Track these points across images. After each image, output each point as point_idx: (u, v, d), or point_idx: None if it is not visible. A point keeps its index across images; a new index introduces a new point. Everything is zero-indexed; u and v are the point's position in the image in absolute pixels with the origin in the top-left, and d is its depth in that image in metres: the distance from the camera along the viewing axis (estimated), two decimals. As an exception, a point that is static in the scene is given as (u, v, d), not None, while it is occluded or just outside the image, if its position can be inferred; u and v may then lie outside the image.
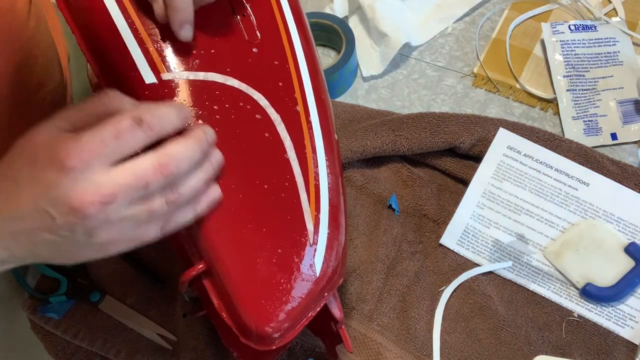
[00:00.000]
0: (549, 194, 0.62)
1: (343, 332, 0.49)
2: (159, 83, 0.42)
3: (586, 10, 0.75)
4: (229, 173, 0.41)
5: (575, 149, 0.62)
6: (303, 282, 0.42)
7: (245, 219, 0.41)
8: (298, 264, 0.42)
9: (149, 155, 0.34)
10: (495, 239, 0.62)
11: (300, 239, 0.43)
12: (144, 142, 0.34)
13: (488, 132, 0.64)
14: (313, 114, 0.45)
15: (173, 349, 0.62)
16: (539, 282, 0.60)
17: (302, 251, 0.42)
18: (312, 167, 0.44)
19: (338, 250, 0.44)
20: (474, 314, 0.59)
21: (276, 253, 0.42)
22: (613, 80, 0.69)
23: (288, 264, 0.42)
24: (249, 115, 0.43)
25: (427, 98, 0.73)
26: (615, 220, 0.60)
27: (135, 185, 0.33)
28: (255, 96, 0.44)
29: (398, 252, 0.63)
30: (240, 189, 0.42)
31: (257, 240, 0.42)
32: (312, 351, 0.59)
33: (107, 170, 0.33)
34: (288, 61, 0.46)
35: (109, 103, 0.37)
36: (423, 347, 0.58)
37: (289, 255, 0.42)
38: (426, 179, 0.66)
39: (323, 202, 0.44)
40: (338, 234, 0.45)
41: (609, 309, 0.58)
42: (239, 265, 0.41)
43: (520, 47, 0.74)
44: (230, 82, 0.43)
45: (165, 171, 0.34)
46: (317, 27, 0.76)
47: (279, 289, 0.41)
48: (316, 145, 0.45)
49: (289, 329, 0.42)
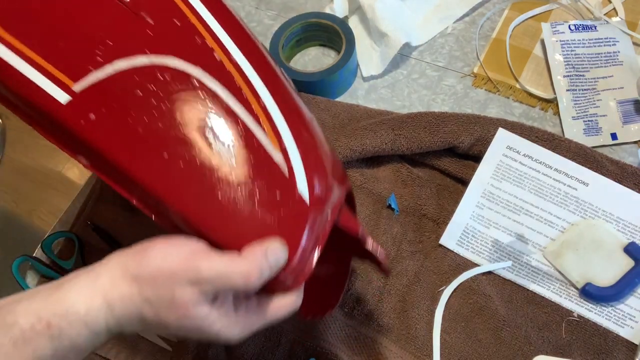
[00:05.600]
0: (548, 193, 0.62)
1: (371, 246, 0.47)
2: (76, 98, 0.40)
3: (586, 10, 0.75)
4: (184, 147, 0.40)
5: (574, 148, 0.62)
6: (296, 215, 0.40)
7: (216, 184, 0.40)
8: (283, 200, 0.40)
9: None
10: (494, 239, 0.62)
11: (274, 173, 0.41)
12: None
13: (487, 131, 0.64)
14: (235, 53, 0.43)
15: (173, 350, 0.62)
16: (539, 282, 0.60)
17: (281, 186, 0.40)
18: (256, 104, 0.42)
19: (319, 167, 0.42)
20: (473, 314, 0.59)
21: (257, 200, 0.40)
22: (613, 80, 0.69)
23: (272, 205, 0.40)
24: (174, 84, 0.41)
25: (427, 98, 0.73)
26: (615, 220, 0.60)
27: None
28: (170, 63, 0.42)
29: (398, 252, 0.63)
30: (204, 158, 0.40)
31: (235, 196, 0.40)
32: (313, 350, 0.59)
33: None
34: (186, 14, 0.44)
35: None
36: (423, 347, 0.58)
37: (271, 197, 0.40)
38: (425, 178, 0.66)
39: (282, 128, 0.42)
40: (312, 149, 0.42)
41: (609, 309, 0.58)
42: (230, 228, 0.39)
43: (520, 47, 0.74)
44: (140, 61, 0.41)
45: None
46: (317, 27, 0.76)
47: (274, 232, 0.39)
48: (252, 82, 0.43)
49: (302, 265, 0.40)
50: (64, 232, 0.70)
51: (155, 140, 0.40)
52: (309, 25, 0.76)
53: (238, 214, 0.39)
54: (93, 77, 0.40)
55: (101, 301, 0.36)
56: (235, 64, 0.43)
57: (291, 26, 0.75)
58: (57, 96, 0.40)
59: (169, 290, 0.36)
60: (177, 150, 0.40)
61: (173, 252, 0.37)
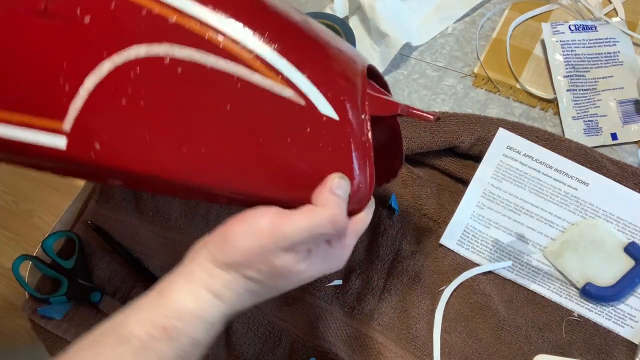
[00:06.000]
0: (548, 193, 0.62)
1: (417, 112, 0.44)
2: (72, 137, 0.37)
3: (586, 10, 0.75)
4: (198, 131, 0.38)
5: (575, 148, 0.62)
6: (334, 137, 0.39)
7: (249, 150, 0.38)
8: (315, 131, 0.38)
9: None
10: (495, 238, 0.62)
11: (293, 110, 0.38)
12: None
13: (488, 131, 0.64)
14: (187, 5, 0.38)
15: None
16: (539, 281, 0.60)
17: (305, 119, 0.38)
18: (238, 49, 0.38)
19: (329, 73, 0.40)
20: (474, 313, 0.59)
21: (294, 145, 0.38)
22: (613, 80, 0.69)
23: (309, 141, 0.38)
24: (152, 74, 0.38)
25: (427, 98, 0.73)
26: (615, 220, 0.60)
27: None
28: (134, 54, 0.37)
29: (398, 252, 0.63)
30: (222, 132, 0.38)
31: (272, 152, 0.38)
32: (313, 350, 0.59)
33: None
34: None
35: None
36: (423, 346, 0.58)
37: (304, 134, 0.38)
38: (426, 178, 0.66)
39: (274, 60, 0.38)
40: (314, 60, 0.40)
41: (609, 309, 0.58)
42: (284, 183, 0.39)
43: (520, 47, 0.74)
44: (105, 68, 0.37)
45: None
46: (317, 27, 0.76)
47: (326, 165, 0.39)
48: (221, 28, 0.38)
49: (363, 177, 0.40)
50: (64, 231, 0.70)
51: (167, 139, 0.38)
52: (310, 25, 0.76)
53: (286, 168, 0.38)
54: (74, 108, 0.37)
55: (206, 293, 0.37)
56: (196, 19, 0.38)
57: (291, 26, 0.75)
58: (55, 144, 0.37)
59: (266, 264, 0.37)
60: (192, 137, 0.38)
61: (253, 229, 0.37)
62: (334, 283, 0.62)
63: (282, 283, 0.39)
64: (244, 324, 0.62)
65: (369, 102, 0.41)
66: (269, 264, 0.37)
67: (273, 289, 0.40)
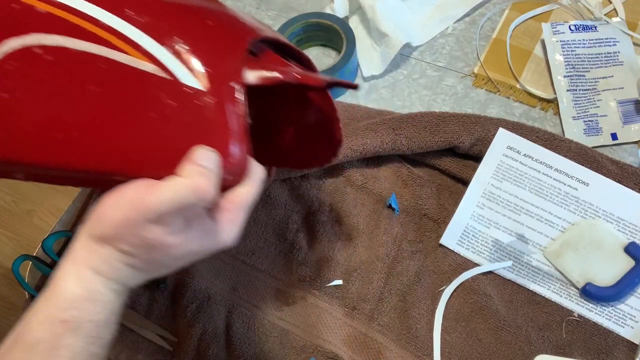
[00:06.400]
0: (548, 193, 0.62)
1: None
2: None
3: (586, 10, 0.75)
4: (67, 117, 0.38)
5: (575, 148, 0.62)
6: (201, 108, 0.38)
7: (115, 128, 0.38)
8: (181, 104, 0.38)
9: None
10: (495, 238, 0.62)
11: (156, 85, 0.38)
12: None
13: (488, 131, 0.64)
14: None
15: (173, 349, 0.62)
16: (539, 282, 0.60)
17: (168, 92, 0.38)
18: (101, 30, 0.39)
19: (196, 44, 0.39)
20: (474, 313, 0.59)
21: (159, 120, 0.38)
22: (613, 80, 0.69)
23: (175, 114, 0.38)
24: (24, 67, 0.39)
25: (427, 98, 0.73)
26: (615, 220, 0.60)
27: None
28: (8, 47, 0.39)
29: (398, 252, 0.63)
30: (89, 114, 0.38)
31: (138, 129, 0.38)
32: (313, 350, 0.59)
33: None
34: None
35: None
36: (423, 346, 0.58)
37: (168, 108, 0.38)
38: (426, 178, 0.66)
39: (134, 35, 0.38)
40: (177, 33, 0.39)
41: (609, 309, 0.58)
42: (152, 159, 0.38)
43: (520, 47, 0.74)
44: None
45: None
46: (317, 27, 0.76)
47: (196, 137, 0.38)
48: (85, 11, 0.39)
49: (240, 145, 0.39)
50: (64, 231, 0.70)
51: (45, 127, 0.39)
52: (310, 26, 0.76)
53: (155, 145, 0.38)
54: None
55: (89, 272, 0.37)
56: (61, 5, 0.39)
57: (292, 26, 0.75)
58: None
59: (136, 236, 0.36)
60: (64, 123, 0.38)
61: (120, 201, 0.37)
62: (334, 283, 0.62)
63: (160, 257, 0.38)
64: (244, 324, 0.62)
65: (248, 71, 0.40)
66: (138, 237, 0.36)
67: (155, 263, 0.39)
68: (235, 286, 0.64)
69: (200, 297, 0.62)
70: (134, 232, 0.36)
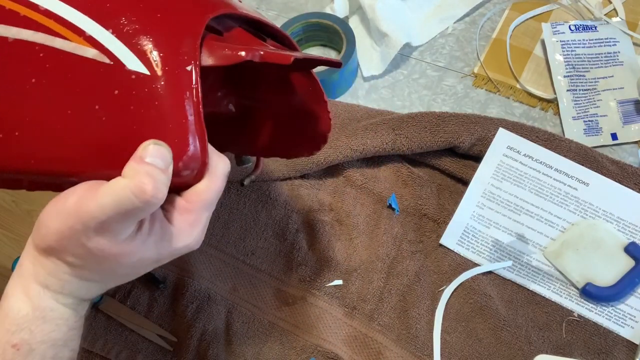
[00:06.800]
0: (548, 193, 0.62)
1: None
2: None
3: (586, 10, 0.75)
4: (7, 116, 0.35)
5: (575, 148, 0.62)
6: (148, 96, 0.34)
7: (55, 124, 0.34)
8: (124, 91, 0.34)
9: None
10: (495, 239, 0.62)
11: (99, 72, 0.34)
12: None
13: (488, 131, 0.64)
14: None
15: (173, 349, 0.62)
16: (539, 282, 0.60)
17: (111, 79, 0.34)
18: (39, 15, 0.34)
19: (150, 28, 0.35)
20: (474, 313, 0.59)
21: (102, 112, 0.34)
22: (613, 81, 0.69)
23: (119, 105, 0.34)
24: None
25: (427, 98, 0.73)
26: (615, 220, 0.60)
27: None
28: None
29: (398, 252, 0.63)
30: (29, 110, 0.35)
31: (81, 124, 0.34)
32: (313, 350, 0.59)
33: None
34: None
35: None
36: (424, 346, 0.58)
37: (111, 98, 0.34)
38: (426, 178, 0.66)
39: (76, 18, 0.34)
40: (135, 15, 0.35)
41: (609, 309, 0.58)
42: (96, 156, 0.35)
43: (520, 47, 0.74)
44: None
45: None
46: (317, 27, 0.76)
47: (145, 130, 0.34)
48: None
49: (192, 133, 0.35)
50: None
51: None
52: (310, 26, 0.76)
53: (100, 140, 0.34)
54: None
55: (36, 286, 0.34)
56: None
57: (292, 26, 0.75)
58: None
59: (81, 247, 0.33)
60: (4, 121, 0.35)
61: (61, 209, 0.33)
62: (334, 283, 0.62)
63: (112, 267, 0.34)
64: (244, 324, 0.62)
65: (205, 51, 0.36)
66: (83, 247, 0.33)
67: (108, 273, 0.35)
68: (235, 286, 0.64)
69: (200, 297, 0.62)
70: (77, 242, 0.33)
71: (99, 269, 0.35)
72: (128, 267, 0.35)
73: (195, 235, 0.36)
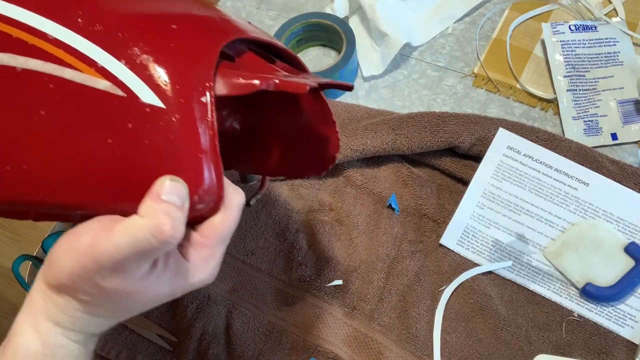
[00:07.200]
0: (548, 193, 0.62)
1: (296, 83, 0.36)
2: None
3: (586, 10, 0.75)
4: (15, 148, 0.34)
5: (575, 148, 0.62)
6: (162, 129, 0.32)
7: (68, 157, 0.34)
8: (138, 125, 0.33)
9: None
10: (495, 239, 0.62)
11: (112, 104, 0.33)
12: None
13: (488, 131, 0.64)
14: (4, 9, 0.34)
15: (173, 349, 0.62)
16: (539, 282, 0.60)
17: (125, 112, 0.33)
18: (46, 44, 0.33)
19: (163, 57, 0.34)
20: (474, 313, 0.59)
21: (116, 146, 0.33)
22: (613, 81, 0.69)
23: (134, 139, 0.33)
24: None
25: (427, 98, 0.73)
26: (615, 220, 0.60)
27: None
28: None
29: (398, 252, 0.63)
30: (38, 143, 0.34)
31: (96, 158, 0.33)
32: (313, 350, 0.59)
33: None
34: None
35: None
36: (424, 346, 0.58)
37: (126, 132, 0.33)
38: (426, 178, 0.66)
39: (87, 49, 0.33)
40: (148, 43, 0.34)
41: (609, 309, 0.58)
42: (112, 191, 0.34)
43: (520, 47, 0.74)
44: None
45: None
46: (317, 27, 0.76)
47: (160, 166, 0.33)
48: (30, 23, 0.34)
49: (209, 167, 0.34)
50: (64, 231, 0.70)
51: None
52: (310, 26, 0.76)
53: (114, 174, 0.33)
54: None
55: (48, 323, 0.34)
56: (1, 17, 0.34)
57: (292, 26, 0.75)
58: None
59: (95, 287, 0.32)
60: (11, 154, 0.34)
61: (74, 247, 0.32)
62: (334, 283, 0.62)
63: (125, 304, 0.34)
64: (244, 324, 0.62)
65: (218, 80, 0.35)
66: (97, 287, 0.32)
67: (120, 310, 0.35)
68: (235, 286, 0.64)
69: (200, 297, 0.62)
70: (91, 281, 0.32)
71: (111, 306, 0.34)
72: (141, 304, 0.35)
73: (211, 270, 0.36)
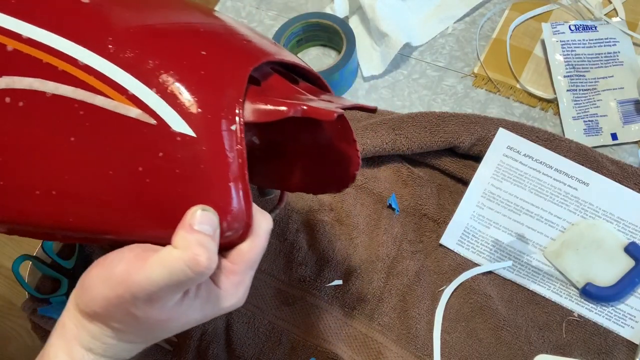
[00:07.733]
0: (548, 193, 0.62)
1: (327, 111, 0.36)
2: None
3: (586, 10, 0.75)
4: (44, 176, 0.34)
5: (575, 148, 0.62)
6: (193, 158, 0.32)
7: (95, 185, 0.34)
8: (168, 153, 0.33)
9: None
10: (495, 239, 0.62)
11: (142, 132, 0.33)
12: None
13: (488, 131, 0.64)
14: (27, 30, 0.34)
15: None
16: (539, 282, 0.60)
17: (156, 140, 0.33)
18: (76, 69, 0.33)
19: (193, 85, 0.33)
20: (474, 313, 0.59)
21: (148, 174, 0.33)
22: (613, 81, 0.69)
23: (164, 167, 0.33)
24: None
25: (427, 98, 0.73)
26: (615, 220, 0.60)
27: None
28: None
29: (398, 252, 0.63)
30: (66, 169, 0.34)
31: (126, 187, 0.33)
32: (313, 350, 0.59)
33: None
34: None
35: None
36: (424, 346, 0.58)
37: (156, 160, 0.33)
38: (426, 178, 0.66)
39: (117, 75, 0.33)
40: (178, 70, 0.34)
41: (609, 309, 0.58)
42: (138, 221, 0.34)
43: (520, 47, 0.74)
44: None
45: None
46: (317, 27, 0.76)
47: (190, 195, 0.33)
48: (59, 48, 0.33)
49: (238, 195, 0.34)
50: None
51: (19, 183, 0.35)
52: (310, 26, 0.76)
53: (144, 203, 0.33)
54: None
55: (80, 350, 0.35)
56: (33, 42, 0.34)
57: (292, 26, 0.75)
58: None
59: (128, 316, 0.33)
60: (41, 179, 0.34)
61: (108, 276, 0.33)
62: (334, 283, 0.62)
63: (157, 331, 0.35)
64: (244, 324, 0.62)
65: (247, 107, 0.35)
66: (130, 316, 0.33)
67: (152, 336, 0.36)
68: (235, 286, 0.64)
69: (200, 297, 0.62)
70: (125, 311, 0.33)
71: (143, 333, 0.35)
72: (172, 330, 0.36)
73: (240, 295, 0.36)
